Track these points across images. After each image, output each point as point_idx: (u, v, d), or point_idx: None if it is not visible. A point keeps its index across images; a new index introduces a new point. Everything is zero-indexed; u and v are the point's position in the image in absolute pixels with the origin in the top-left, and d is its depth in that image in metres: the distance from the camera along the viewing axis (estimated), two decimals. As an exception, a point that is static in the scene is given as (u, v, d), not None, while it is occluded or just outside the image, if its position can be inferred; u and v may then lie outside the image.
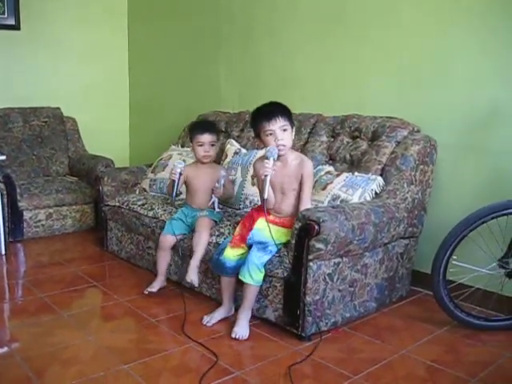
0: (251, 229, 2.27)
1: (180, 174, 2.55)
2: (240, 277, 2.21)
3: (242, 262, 2.23)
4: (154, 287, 2.64)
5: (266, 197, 2.13)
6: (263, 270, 2.21)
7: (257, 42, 3.50)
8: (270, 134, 2.18)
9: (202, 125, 2.71)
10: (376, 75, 2.89)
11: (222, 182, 2.58)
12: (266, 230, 2.23)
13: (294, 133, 2.24)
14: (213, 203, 2.65)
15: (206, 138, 2.61)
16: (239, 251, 2.27)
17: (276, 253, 2.23)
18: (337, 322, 2.28)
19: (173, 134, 3.96)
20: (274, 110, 2.19)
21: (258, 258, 2.18)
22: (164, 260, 2.65)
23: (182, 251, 2.64)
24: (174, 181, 2.54)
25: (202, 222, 2.55)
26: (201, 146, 2.61)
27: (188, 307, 2.47)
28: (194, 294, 2.64)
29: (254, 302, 2.26)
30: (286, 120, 2.19)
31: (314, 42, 3.17)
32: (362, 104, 2.95)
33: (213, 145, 2.63)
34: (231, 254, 2.26)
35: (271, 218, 2.29)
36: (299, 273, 2.14)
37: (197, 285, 2.50)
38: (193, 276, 2.46)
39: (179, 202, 2.89)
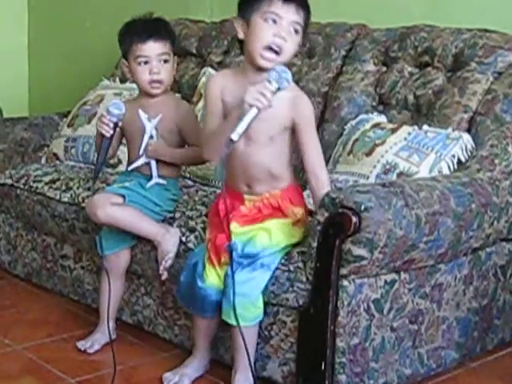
0: (227, 234, 2.16)
1: (116, 124, 2.43)
2: (224, 317, 2.22)
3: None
4: (92, 344, 2.54)
5: (235, 138, 2.02)
6: (261, 302, 2.19)
7: None
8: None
9: (144, 25, 2.54)
10: None
11: (153, 127, 2.41)
12: (252, 232, 2.17)
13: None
14: (148, 166, 2.49)
15: (153, 47, 2.47)
16: (224, 271, 2.20)
17: (280, 263, 2.22)
18: (389, 383, 2.27)
19: (105, 59, 3.84)
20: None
21: (249, 283, 2.16)
22: (115, 294, 2.49)
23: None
24: (104, 138, 2.43)
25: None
26: (145, 63, 2.48)
27: (133, 360, 2.47)
28: (143, 337, 2.65)
29: (254, 349, 2.25)
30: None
31: None
32: (436, 6, 2.88)
33: (166, 61, 2.50)
34: (216, 279, 2.21)
35: (242, 210, 2.23)
36: (324, 299, 2.12)
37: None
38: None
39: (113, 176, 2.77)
